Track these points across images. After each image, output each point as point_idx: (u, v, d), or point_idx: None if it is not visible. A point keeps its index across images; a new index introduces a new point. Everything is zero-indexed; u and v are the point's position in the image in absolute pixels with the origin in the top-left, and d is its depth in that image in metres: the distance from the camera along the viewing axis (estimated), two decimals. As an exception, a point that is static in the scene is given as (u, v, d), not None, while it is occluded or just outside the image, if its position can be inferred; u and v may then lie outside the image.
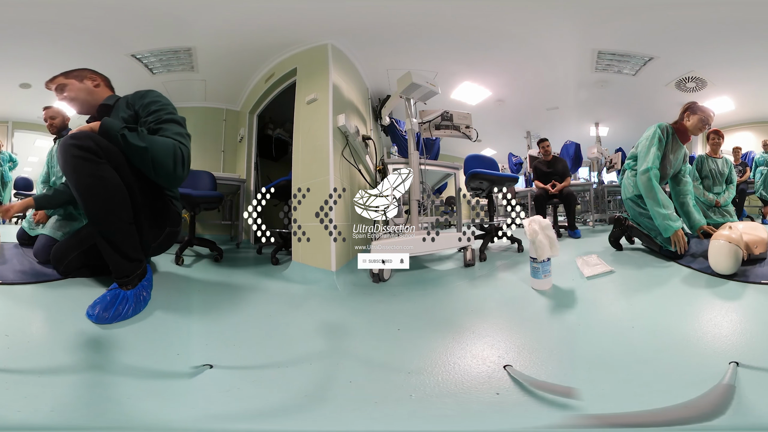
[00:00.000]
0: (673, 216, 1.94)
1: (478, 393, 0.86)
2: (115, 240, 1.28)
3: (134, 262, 1.32)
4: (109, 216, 1.25)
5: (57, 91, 1.57)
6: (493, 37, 2.47)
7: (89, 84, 1.58)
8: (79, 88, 1.56)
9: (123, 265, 1.30)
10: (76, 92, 1.55)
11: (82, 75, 1.58)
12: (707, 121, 2.06)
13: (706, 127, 2.07)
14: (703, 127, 2.06)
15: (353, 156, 2.20)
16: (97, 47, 2.26)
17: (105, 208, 1.24)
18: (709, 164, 2.54)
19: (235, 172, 2.87)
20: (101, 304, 1.20)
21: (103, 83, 1.63)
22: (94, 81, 1.59)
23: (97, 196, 1.22)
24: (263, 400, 0.87)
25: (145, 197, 1.36)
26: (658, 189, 1.96)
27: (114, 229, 1.27)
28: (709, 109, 2.06)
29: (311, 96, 2.23)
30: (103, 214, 1.25)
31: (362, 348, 1.17)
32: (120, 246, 1.29)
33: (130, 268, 1.31)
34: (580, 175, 3.35)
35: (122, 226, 1.28)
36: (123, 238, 1.29)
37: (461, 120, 2.47)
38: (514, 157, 3.38)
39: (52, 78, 1.56)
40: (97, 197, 1.22)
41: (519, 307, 1.46)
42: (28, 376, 0.88)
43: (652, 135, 2.03)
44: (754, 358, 0.90)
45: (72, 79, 1.56)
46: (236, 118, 2.93)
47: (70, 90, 1.55)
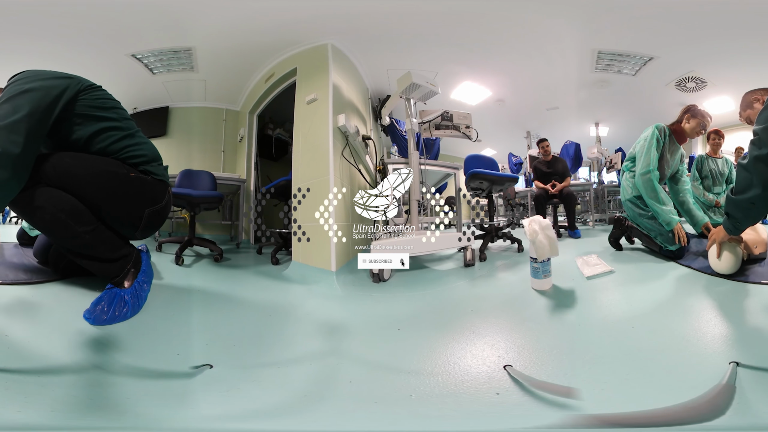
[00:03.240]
0: (673, 211, 2.00)
1: (478, 393, 0.86)
2: (85, 252, 1.22)
3: (119, 261, 1.28)
4: (66, 236, 1.17)
5: None
6: (493, 37, 2.47)
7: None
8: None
9: (107, 268, 1.26)
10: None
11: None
12: (705, 126, 2.08)
13: (703, 131, 2.10)
14: (701, 131, 2.09)
15: (353, 156, 2.20)
16: (97, 47, 2.26)
17: (57, 231, 1.16)
18: (709, 164, 2.54)
19: (235, 172, 2.87)
20: (98, 305, 1.19)
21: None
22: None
23: (44, 224, 1.14)
24: (263, 400, 0.87)
25: (97, 189, 1.22)
26: (659, 189, 1.99)
27: (79, 245, 1.20)
28: (707, 114, 2.08)
29: (311, 96, 2.23)
30: (59, 237, 1.17)
31: (362, 348, 1.17)
32: (92, 255, 1.23)
33: (117, 267, 1.27)
34: (580, 175, 3.35)
35: (85, 239, 1.19)
36: (91, 248, 1.22)
37: (461, 120, 2.47)
38: (514, 157, 3.38)
39: None
40: (45, 225, 1.14)
41: (519, 307, 1.46)
42: (28, 376, 0.88)
43: (650, 136, 2.04)
44: (754, 358, 0.90)
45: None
46: (236, 118, 2.93)
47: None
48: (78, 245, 1.19)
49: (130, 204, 1.31)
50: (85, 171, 1.20)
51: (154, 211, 1.38)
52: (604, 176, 3.35)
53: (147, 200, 1.35)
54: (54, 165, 1.15)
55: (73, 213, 1.16)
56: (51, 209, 1.12)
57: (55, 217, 1.13)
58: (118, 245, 1.29)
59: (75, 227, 1.16)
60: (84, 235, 1.18)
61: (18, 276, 1.54)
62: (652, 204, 1.99)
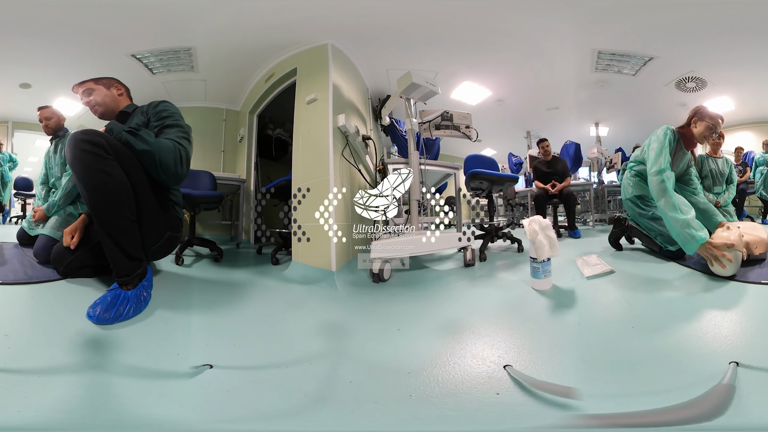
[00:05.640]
0: (694, 223, 1.63)
1: (478, 393, 0.86)
2: (117, 236, 1.29)
3: (135, 261, 1.33)
4: (113, 211, 1.27)
5: (83, 95, 1.66)
6: (493, 37, 2.47)
7: (114, 92, 1.69)
8: (106, 94, 1.67)
9: (124, 263, 1.30)
10: (102, 97, 1.66)
11: (110, 83, 1.70)
12: (715, 129, 1.91)
13: (713, 135, 1.93)
14: (710, 135, 1.92)
15: (353, 156, 2.20)
16: (97, 47, 2.26)
17: (109, 203, 1.25)
18: (709, 164, 2.54)
19: (235, 172, 2.87)
20: (102, 304, 1.20)
21: (126, 93, 1.75)
22: (119, 90, 1.71)
23: (102, 190, 1.24)
24: (263, 400, 0.87)
25: (148, 199, 1.39)
26: (672, 192, 1.74)
27: (117, 224, 1.28)
28: (717, 114, 1.91)
29: (311, 96, 2.23)
30: (107, 209, 1.26)
31: (362, 348, 1.17)
32: (121, 243, 1.29)
33: (131, 266, 1.32)
34: (580, 175, 3.36)
35: (125, 223, 1.29)
36: (125, 235, 1.30)
37: (461, 120, 2.47)
38: (514, 157, 3.38)
39: (82, 82, 1.66)
40: (103, 192, 1.24)
41: (519, 307, 1.46)
42: (28, 376, 0.88)
43: (663, 136, 1.89)
44: (754, 358, 0.90)
45: (101, 85, 1.67)
46: (236, 118, 2.93)
47: (98, 94, 1.65)
48: (116, 226, 1.29)
49: (160, 221, 1.49)
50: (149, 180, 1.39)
51: (172, 237, 1.57)
52: (604, 176, 3.35)
53: (170, 225, 1.55)
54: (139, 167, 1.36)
55: (129, 200, 1.30)
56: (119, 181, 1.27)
57: (118, 189, 1.27)
58: (140, 246, 1.37)
59: (124, 210, 1.29)
60: (126, 220, 1.30)
61: (18, 276, 1.54)
62: (663, 212, 1.73)
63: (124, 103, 1.71)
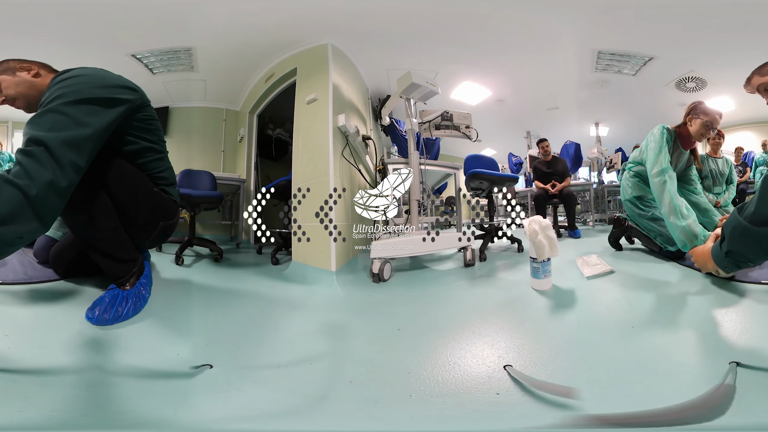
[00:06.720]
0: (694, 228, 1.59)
1: (478, 393, 0.86)
2: (101, 247, 1.26)
3: (127, 263, 1.31)
4: (87, 228, 1.21)
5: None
6: (493, 37, 2.47)
7: (25, 75, 1.31)
8: (16, 82, 1.31)
9: (115, 267, 1.29)
10: (13, 87, 1.31)
11: (12, 67, 1.32)
12: (711, 125, 1.83)
13: (711, 132, 1.85)
14: (707, 132, 1.85)
15: (353, 156, 2.20)
16: (97, 47, 2.26)
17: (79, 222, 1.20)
18: (709, 164, 2.53)
19: (235, 172, 2.87)
20: (100, 305, 1.20)
21: (45, 69, 1.35)
22: (30, 70, 1.32)
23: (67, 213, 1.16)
24: (263, 400, 0.87)
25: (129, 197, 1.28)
26: (674, 194, 1.69)
27: (96, 238, 1.24)
28: (714, 110, 1.83)
29: (311, 96, 2.23)
30: (81, 227, 1.21)
31: (362, 348, 1.17)
32: (107, 251, 1.26)
33: (124, 269, 1.30)
34: (580, 175, 3.36)
35: (104, 235, 1.24)
36: (108, 244, 1.26)
37: (461, 120, 2.47)
38: (514, 157, 3.38)
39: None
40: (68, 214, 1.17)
41: (519, 307, 1.46)
42: (28, 376, 0.88)
43: (660, 135, 1.87)
44: (754, 358, 0.90)
45: (4, 75, 1.31)
46: (236, 118, 2.93)
47: (6, 87, 1.31)
48: (97, 239, 1.24)
49: (149, 215, 1.38)
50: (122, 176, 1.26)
51: (167, 226, 1.47)
52: (604, 176, 3.35)
53: (162, 215, 1.43)
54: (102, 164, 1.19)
55: (104, 209, 1.21)
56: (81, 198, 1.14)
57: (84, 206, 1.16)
58: (129, 248, 1.33)
59: (101, 222, 1.21)
60: (106, 231, 1.23)
61: (18, 276, 1.54)
62: (665, 214, 1.70)
63: (47, 82, 1.24)
